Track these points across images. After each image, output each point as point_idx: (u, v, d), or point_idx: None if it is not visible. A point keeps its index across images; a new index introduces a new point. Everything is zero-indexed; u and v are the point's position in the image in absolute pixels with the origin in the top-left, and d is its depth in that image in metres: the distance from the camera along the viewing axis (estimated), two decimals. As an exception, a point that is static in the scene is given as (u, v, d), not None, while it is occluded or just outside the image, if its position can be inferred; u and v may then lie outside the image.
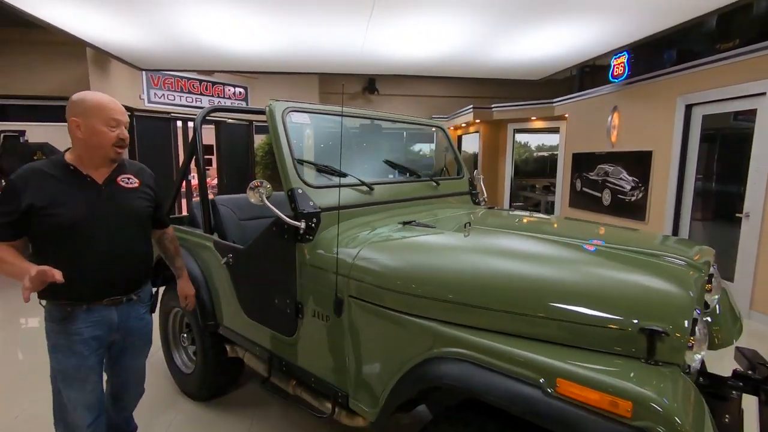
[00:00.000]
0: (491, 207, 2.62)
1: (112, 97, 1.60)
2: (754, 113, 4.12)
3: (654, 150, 5.30)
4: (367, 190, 2.07)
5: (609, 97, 6.19)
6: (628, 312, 1.12)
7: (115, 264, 1.60)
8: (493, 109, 8.34)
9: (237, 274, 2.12)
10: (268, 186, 1.70)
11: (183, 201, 7.75)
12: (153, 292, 1.89)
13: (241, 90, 8.91)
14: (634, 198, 5.66)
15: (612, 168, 6.08)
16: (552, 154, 8.26)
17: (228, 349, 2.38)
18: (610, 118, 6.12)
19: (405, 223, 1.86)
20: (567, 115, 7.38)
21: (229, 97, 8.77)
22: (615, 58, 5.88)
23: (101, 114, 1.52)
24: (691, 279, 1.29)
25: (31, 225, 1.49)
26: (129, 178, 1.68)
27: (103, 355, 1.68)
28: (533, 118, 8.11)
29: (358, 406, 1.58)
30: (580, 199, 6.91)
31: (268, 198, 1.68)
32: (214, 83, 8.45)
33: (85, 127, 1.52)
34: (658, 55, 6.34)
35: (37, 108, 5.90)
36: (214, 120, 8.32)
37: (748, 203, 4.14)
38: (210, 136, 8.67)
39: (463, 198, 2.70)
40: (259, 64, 6.00)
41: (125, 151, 1.63)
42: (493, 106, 8.34)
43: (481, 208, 2.53)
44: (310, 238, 1.72)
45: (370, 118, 2.62)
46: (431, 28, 4.34)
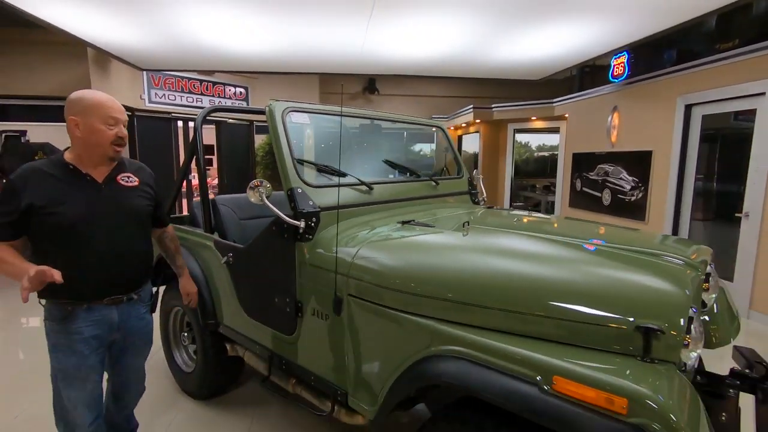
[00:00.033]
0: (490, 206, 2.63)
1: (112, 97, 1.59)
2: (753, 113, 4.13)
3: (654, 150, 5.31)
4: (367, 189, 2.08)
5: (609, 97, 6.20)
6: (624, 310, 1.13)
7: (116, 263, 1.60)
8: (494, 109, 8.34)
9: (237, 273, 2.13)
10: (268, 185, 1.70)
11: (184, 201, 7.78)
12: (153, 291, 1.89)
13: (242, 90, 8.92)
14: (634, 198, 5.67)
15: (612, 168, 6.08)
16: (552, 154, 8.26)
17: (228, 348, 2.39)
18: (610, 118, 6.12)
19: (404, 222, 1.87)
20: (567, 115, 7.38)
21: (230, 97, 8.78)
22: (615, 58, 5.89)
23: (99, 112, 1.52)
24: (687, 278, 1.30)
25: (30, 225, 1.49)
26: (129, 177, 1.67)
27: (104, 355, 1.67)
28: (533, 118, 8.11)
29: (357, 404, 1.59)
30: (580, 199, 6.91)
31: (268, 197, 1.68)
32: (215, 83, 8.46)
33: (83, 126, 1.51)
34: (658, 55, 6.34)
35: (38, 108, 5.91)
36: (215, 120, 8.34)
37: (748, 203, 4.14)
38: (211, 136, 8.69)
39: (462, 198, 2.71)
40: (259, 64, 6.01)
41: (125, 150, 1.63)
42: (493, 106, 8.35)
43: (480, 208, 2.54)
44: (310, 237, 1.73)
45: (369, 118, 2.63)
46: (431, 28, 4.35)
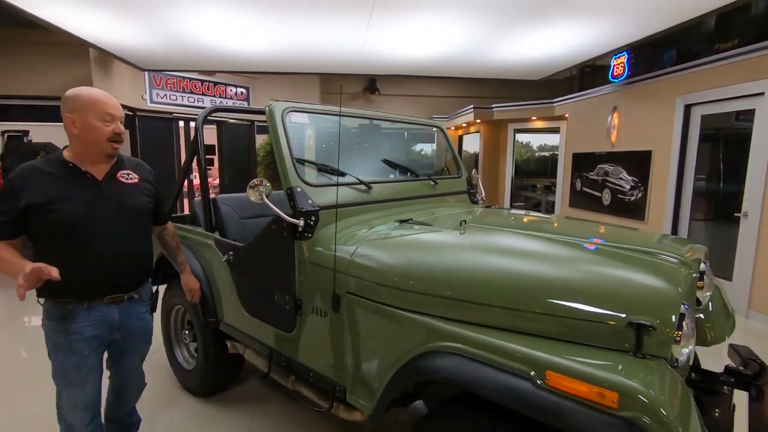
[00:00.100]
0: (488, 206, 2.64)
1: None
2: (753, 113, 4.14)
3: (653, 150, 5.32)
4: (366, 189, 2.10)
5: (609, 97, 6.21)
6: (617, 307, 1.15)
7: (116, 261, 1.59)
8: (494, 109, 8.36)
9: (237, 271, 2.15)
10: (268, 185, 1.72)
11: (185, 201, 7.81)
12: (153, 291, 1.88)
13: (243, 90, 8.95)
14: (633, 198, 5.68)
15: (612, 168, 6.09)
16: (553, 154, 8.27)
17: (228, 345, 2.40)
18: (610, 118, 6.14)
19: (402, 221, 1.89)
20: (567, 115, 7.39)
21: (231, 98, 8.81)
22: (615, 58, 5.90)
23: (95, 109, 1.51)
24: (680, 275, 1.32)
25: (30, 224, 1.48)
26: (128, 174, 1.67)
27: (103, 354, 1.68)
28: (534, 118, 8.13)
29: (355, 400, 1.61)
30: (580, 199, 6.93)
31: (268, 196, 1.70)
32: (216, 83, 8.49)
33: (80, 123, 1.50)
34: (657, 55, 6.35)
35: (40, 108, 5.94)
36: (216, 120, 8.37)
37: (747, 203, 4.15)
38: (212, 136, 8.72)
39: (461, 197, 2.72)
40: (260, 64, 6.04)
41: (122, 147, 1.64)
42: (493, 106, 8.36)
43: (478, 207, 2.56)
44: (309, 235, 1.75)
45: (368, 117, 2.65)
46: (431, 29, 4.37)
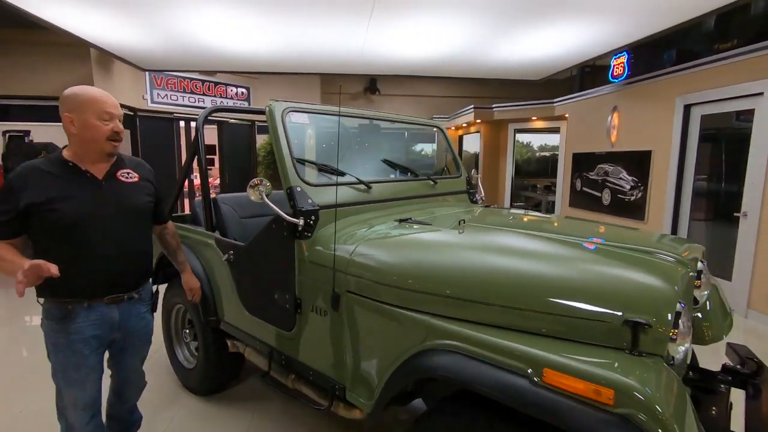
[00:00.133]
0: (488, 205, 2.65)
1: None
2: (752, 113, 4.14)
3: (653, 150, 5.33)
4: (365, 188, 2.11)
5: (609, 97, 6.21)
6: (614, 305, 1.16)
7: (116, 260, 1.59)
8: (494, 109, 8.37)
9: (238, 270, 2.16)
10: (268, 184, 1.74)
11: (186, 201, 7.83)
12: (153, 291, 1.89)
13: (243, 90, 8.96)
14: (633, 198, 5.68)
15: (612, 168, 6.10)
16: (553, 154, 8.28)
17: (229, 344, 2.41)
18: (609, 118, 6.14)
19: (401, 220, 1.90)
20: (567, 115, 7.40)
21: (232, 98, 8.82)
22: (615, 58, 5.91)
23: (93, 108, 1.51)
24: (677, 274, 1.32)
25: (30, 223, 1.48)
26: (128, 173, 1.67)
27: (104, 354, 1.68)
28: (534, 118, 8.13)
29: (355, 398, 1.62)
30: (580, 199, 6.93)
31: (268, 196, 1.71)
32: (217, 84, 8.50)
33: (78, 122, 1.50)
34: (657, 55, 6.36)
35: (41, 108, 5.96)
36: (217, 120, 8.39)
37: (746, 203, 4.16)
38: (212, 136, 8.74)
39: (460, 197, 2.73)
40: (260, 64, 6.05)
41: (122, 147, 1.64)
42: (493, 106, 8.37)
43: (478, 207, 2.57)
44: (309, 235, 1.76)
45: (368, 117, 2.66)
46: (431, 29, 4.38)
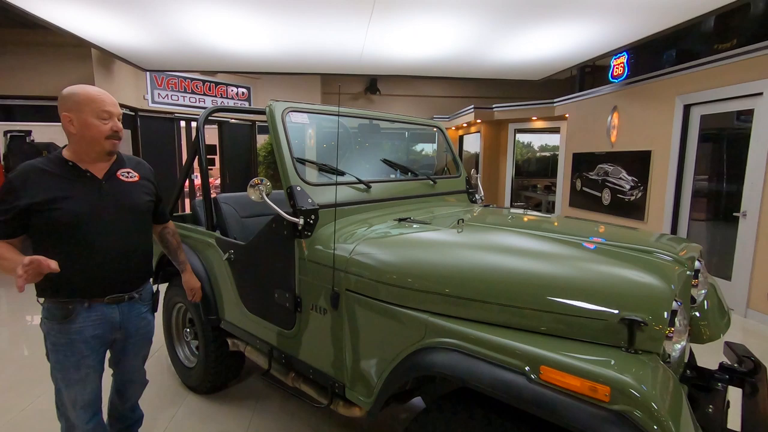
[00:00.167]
0: (487, 205, 2.66)
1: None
2: (751, 113, 4.15)
3: (653, 150, 5.33)
4: (365, 188, 2.12)
5: (609, 97, 6.22)
6: (610, 303, 1.17)
7: (117, 259, 1.60)
8: (494, 109, 8.38)
9: (238, 269, 2.17)
10: (268, 183, 1.75)
11: (186, 201, 7.84)
12: (154, 291, 1.89)
13: (244, 90, 8.98)
14: (633, 197, 5.69)
15: (612, 168, 6.10)
16: (553, 154, 8.29)
17: (229, 343, 2.43)
18: (609, 118, 6.15)
19: (401, 219, 1.91)
20: (567, 115, 7.41)
21: (232, 98, 8.84)
22: (615, 59, 5.92)
23: (92, 107, 1.51)
24: (674, 273, 1.33)
25: (31, 223, 1.48)
26: (129, 173, 1.67)
27: (104, 354, 1.68)
28: (534, 118, 8.14)
29: (354, 396, 1.63)
30: (580, 199, 6.94)
31: (268, 195, 1.73)
32: (217, 84, 8.51)
33: (77, 122, 1.50)
34: (657, 55, 6.37)
35: (42, 108, 5.97)
36: (217, 120, 8.40)
37: (745, 202, 4.16)
38: (213, 136, 8.75)
39: (460, 196, 2.74)
40: (261, 64, 6.07)
41: (121, 145, 1.64)
42: (494, 106, 8.38)
43: (477, 206, 2.58)
44: (309, 234, 1.77)
45: (367, 117, 2.67)
46: (432, 29, 4.39)
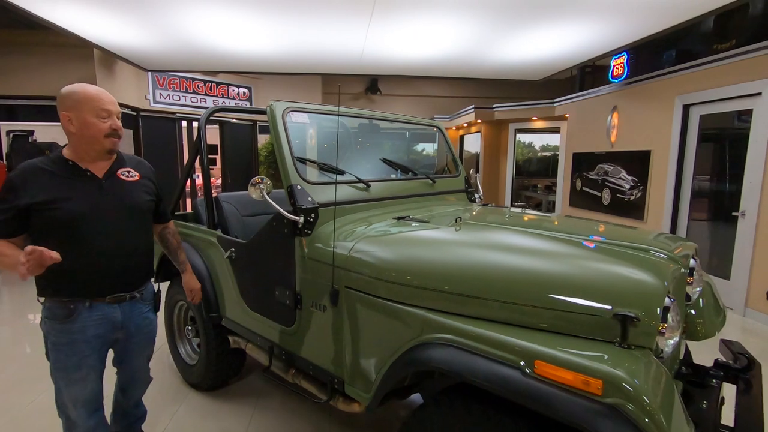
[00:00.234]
0: (485, 204, 2.69)
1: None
2: (750, 113, 4.16)
3: (653, 150, 5.35)
4: (365, 187, 2.14)
5: (609, 97, 6.24)
6: (604, 299, 1.19)
7: (118, 259, 1.60)
8: (495, 109, 8.40)
9: (239, 267, 2.20)
10: (269, 182, 1.77)
11: (188, 200, 7.87)
12: (155, 290, 1.89)
13: (245, 90, 9.01)
14: (633, 197, 5.71)
15: (611, 167, 6.12)
16: (553, 154, 8.31)
17: (231, 340, 2.45)
18: (609, 118, 6.17)
19: (400, 218, 1.93)
20: (567, 115, 7.42)
21: (234, 98, 8.87)
22: (615, 59, 5.94)
23: (91, 105, 1.50)
24: (667, 270, 1.35)
25: (31, 223, 1.48)
26: (129, 172, 1.68)
27: (105, 353, 1.68)
28: (534, 118, 8.16)
29: (354, 392, 1.65)
30: (580, 199, 6.96)
31: (269, 194, 1.75)
32: (219, 84, 8.55)
33: (76, 121, 1.50)
34: (657, 55, 6.38)
35: (45, 108, 6.01)
36: (219, 120, 8.44)
37: (744, 202, 4.18)
38: (214, 136, 8.79)
39: (459, 195, 2.76)
40: (262, 65, 6.10)
41: (123, 145, 1.66)
42: (494, 106, 8.40)
43: (476, 205, 2.60)
44: (309, 232, 1.79)
45: (367, 117, 2.69)
46: (432, 29, 4.41)
